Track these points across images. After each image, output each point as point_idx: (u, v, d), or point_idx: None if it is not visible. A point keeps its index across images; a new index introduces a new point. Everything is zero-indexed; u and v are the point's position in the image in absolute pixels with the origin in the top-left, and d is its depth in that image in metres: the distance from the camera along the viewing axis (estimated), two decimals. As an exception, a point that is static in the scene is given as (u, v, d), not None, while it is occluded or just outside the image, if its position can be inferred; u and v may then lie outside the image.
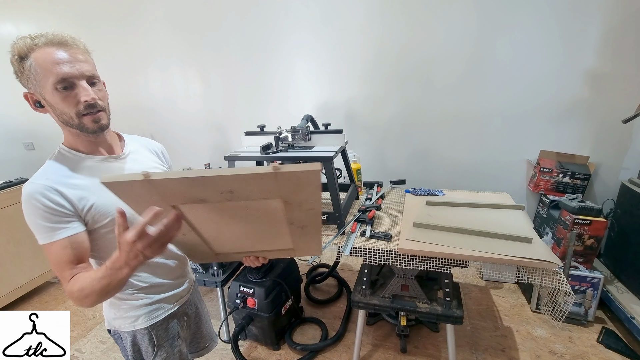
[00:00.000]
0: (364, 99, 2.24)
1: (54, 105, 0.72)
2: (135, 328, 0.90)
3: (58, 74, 0.69)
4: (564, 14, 1.74)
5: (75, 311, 2.18)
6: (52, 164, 0.77)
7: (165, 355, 0.94)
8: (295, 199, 0.60)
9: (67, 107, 0.72)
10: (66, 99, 0.71)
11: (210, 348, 1.19)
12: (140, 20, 2.48)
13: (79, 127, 0.76)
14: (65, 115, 0.73)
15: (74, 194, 0.74)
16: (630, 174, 1.86)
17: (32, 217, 0.72)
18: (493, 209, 1.44)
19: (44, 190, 0.71)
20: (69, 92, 0.71)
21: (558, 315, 1.11)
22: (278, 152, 1.48)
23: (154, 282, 0.91)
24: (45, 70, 0.69)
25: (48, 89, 0.70)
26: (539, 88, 1.89)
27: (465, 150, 2.15)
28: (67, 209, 0.73)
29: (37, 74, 0.69)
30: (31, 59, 0.69)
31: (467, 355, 1.61)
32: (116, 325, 0.92)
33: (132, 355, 0.93)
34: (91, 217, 0.77)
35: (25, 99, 0.74)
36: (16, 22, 2.78)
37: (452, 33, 1.93)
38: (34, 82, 0.70)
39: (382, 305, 1.39)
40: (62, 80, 0.70)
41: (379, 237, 1.29)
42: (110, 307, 0.91)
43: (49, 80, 0.69)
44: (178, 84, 2.60)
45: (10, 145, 3.18)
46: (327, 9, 2.09)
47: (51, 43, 0.70)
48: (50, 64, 0.69)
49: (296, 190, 0.57)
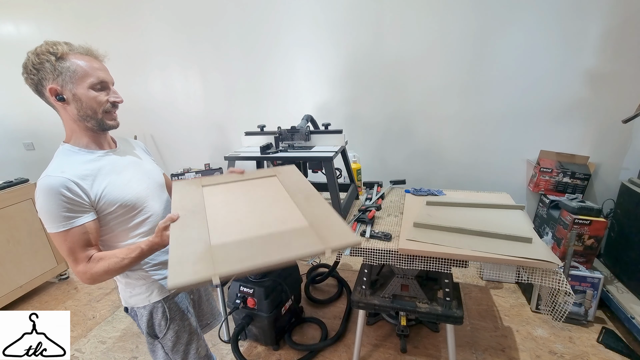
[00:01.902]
0: (364, 99, 2.24)
1: (85, 100, 0.85)
2: (150, 302, 1.01)
3: (98, 77, 0.86)
4: (564, 14, 1.74)
5: (75, 311, 2.18)
6: (63, 159, 0.86)
7: (177, 329, 1.04)
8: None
9: (97, 104, 0.87)
10: (99, 97, 0.87)
11: (212, 325, 1.30)
12: (140, 20, 2.48)
13: (99, 122, 0.89)
14: (90, 110, 0.86)
15: (88, 185, 0.84)
16: (630, 174, 1.86)
17: (51, 208, 0.79)
18: (493, 209, 1.44)
19: (65, 182, 0.80)
20: (102, 92, 0.88)
21: (558, 315, 1.11)
22: (278, 152, 1.49)
23: (162, 259, 1.01)
24: (85, 71, 0.84)
25: (84, 86, 0.84)
26: (539, 88, 1.89)
27: (465, 150, 2.15)
28: (84, 200, 0.83)
29: (75, 73, 0.83)
30: (71, 61, 0.83)
31: (467, 355, 1.61)
32: (132, 302, 1.02)
33: (146, 330, 1.03)
34: (101, 205, 0.87)
35: (50, 91, 0.83)
36: (16, 22, 2.78)
37: (452, 33, 1.93)
38: (67, 79, 0.83)
39: (382, 305, 1.39)
40: (101, 82, 0.87)
41: (379, 237, 1.29)
42: (126, 287, 1.01)
43: (88, 80, 0.84)
44: (178, 84, 2.60)
45: (10, 145, 3.18)
46: (327, 9, 2.09)
47: (89, 53, 0.88)
48: (91, 68, 0.86)
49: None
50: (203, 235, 0.76)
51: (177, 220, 0.82)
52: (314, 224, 0.79)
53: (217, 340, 1.80)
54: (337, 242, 0.71)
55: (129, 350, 1.82)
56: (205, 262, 0.67)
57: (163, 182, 1.08)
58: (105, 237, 0.92)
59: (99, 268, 0.83)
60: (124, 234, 0.94)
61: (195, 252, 0.70)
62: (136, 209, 0.93)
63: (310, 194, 0.95)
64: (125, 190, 0.91)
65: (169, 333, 1.03)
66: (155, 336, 1.03)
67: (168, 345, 1.03)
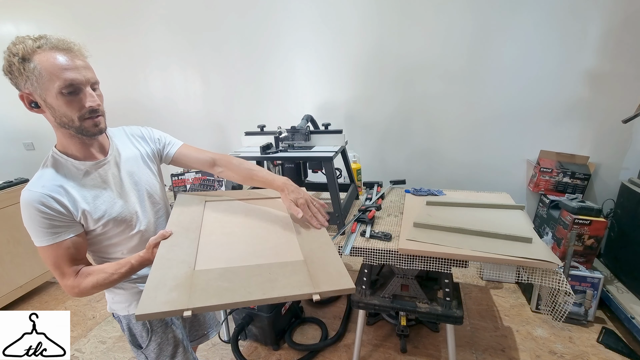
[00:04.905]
0: (364, 99, 2.24)
1: (56, 108, 0.74)
2: (129, 312, 0.97)
3: (66, 79, 0.71)
4: (564, 14, 1.74)
5: (75, 311, 2.18)
6: (47, 171, 0.79)
7: (160, 340, 0.99)
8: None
9: (71, 111, 0.74)
10: (71, 103, 0.74)
11: (209, 336, 1.25)
12: (140, 20, 2.48)
13: (79, 130, 0.78)
14: (65, 117, 0.75)
15: (69, 200, 0.78)
16: (630, 174, 1.86)
17: (30, 223, 0.76)
18: (493, 209, 1.44)
19: (41, 198, 0.74)
20: (74, 96, 0.74)
21: (558, 315, 1.11)
22: (278, 152, 1.48)
23: (144, 273, 0.95)
24: (51, 74, 0.70)
25: (52, 92, 0.72)
26: (539, 88, 1.89)
27: (465, 150, 2.15)
28: (64, 215, 0.77)
29: (40, 76, 0.70)
30: (35, 62, 0.70)
31: (467, 355, 1.61)
32: (114, 308, 1.00)
33: (129, 339, 1.00)
34: (84, 221, 0.82)
35: (21, 99, 0.74)
36: (16, 22, 2.78)
37: (452, 33, 1.93)
38: (35, 84, 0.71)
39: (382, 305, 1.39)
40: (69, 86, 0.72)
41: (379, 237, 1.29)
42: (108, 293, 0.99)
43: (55, 84, 0.71)
44: (178, 83, 2.60)
45: (10, 145, 3.18)
46: (326, 9, 2.09)
47: (56, 48, 0.72)
48: (57, 69, 0.71)
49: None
50: (189, 257, 0.74)
51: (168, 237, 0.80)
52: (309, 259, 0.75)
53: (217, 340, 1.80)
54: (328, 285, 0.67)
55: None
56: (182, 289, 0.63)
57: (156, 191, 0.99)
58: (93, 248, 0.89)
59: (87, 283, 0.80)
60: (111, 248, 0.90)
61: (176, 276, 0.67)
62: (124, 225, 0.88)
63: None
64: (113, 207, 0.85)
65: (152, 345, 0.98)
66: (138, 346, 1.00)
67: (151, 357, 0.99)
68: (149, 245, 0.81)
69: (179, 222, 0.87)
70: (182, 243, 0.79)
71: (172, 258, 0.73)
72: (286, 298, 0.65)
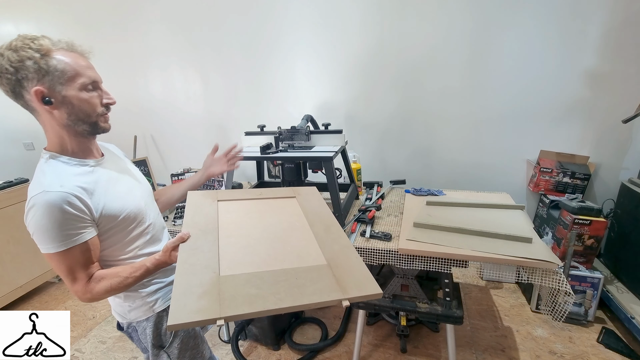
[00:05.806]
0: (364, 99, 2.23)
1: (77, 103, 0.77)
2: (155, 312, 0.96)
3: (90, 76, 0.78)
4: (564, 14, 1.74)
5: (75, 311, 2.18)
6: (57, 170, 0.77)
7: (183, 335, 0.99)
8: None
9: (91, 106, 0.79)
10: (92, 98, 0.79)
11: (207, 327, 1.31)
12: (140, 20, 2.48)
13: (92, 125, 0.81)
14: (83, 113, 0.78)
15: (89, 198, 0.78)
16: (630, 174, 1.86)
17: (52, 226, 0.72)
18: (493, 209, 1.44)
19: (67, 197, 0.73)
20: (95, 92, 0.80)
21: (558, 315, 1.11)
22: (278, 152, 1.49)
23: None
24: (75, 70, 0.75)
25: (74, 87, 0.76)
26: (539, 88, 1.89)
27: (465, 150, 2.15)
28: (86, 214, 0.77)
29: (64, 72, 0.74)
30: (58, 58, 0.73)
31: (467, 355, 1.61)
32: (132, 316, 0.95)
33: (152, 341, 0.96)
34: (103, 219, 0.81)
35: (35, 94, 0.73)
36: (16, 22, 2.78)
37: (452, 33, 1.93)
38: (55, 80, 0.73)
39: (382, 305, 1.39)
40: (94, 82, 0.79)
41: (379, 237, 1.29)
42: (125, 301, 0.94)
43: (79, 80, 0.76)
44: (178, 84, 2.60)
45: (10, 145, 3.17)
46: (326, 9, 2.09)
47: (73, 49, 0.78)
48: (81, 67, 0.77)
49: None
50: (212, 262, 0.71)
51: (187, 240, 0.78)
52: (332, 263, 0.74)
53: (217, 340, 1.80)
54: (356, 291, 0.66)
55: (129, 350, 1.82)
56: (211, 297, 0.61)
57: (152, 189, 1.03)
58: (105, 251, 0.86)
59: (100, 288, 0.78)
60: (124, 247, 0.89)
61: (202, 282, 0.65)
62: (137, 220, 0.88)
63: (331, 224, 0.90)
64: (126, 202, 0.85)
65: (176, 340, 0.98)
66: (161, 346, 0.98)
67: (174, 353, 0.98)
68: (167, 248, 0.80)
69: (195, 224, 0.85)
70: (203, 246, 0.77)
71: (195, 263, 0.71)
72: (317, 304, 0.63)
